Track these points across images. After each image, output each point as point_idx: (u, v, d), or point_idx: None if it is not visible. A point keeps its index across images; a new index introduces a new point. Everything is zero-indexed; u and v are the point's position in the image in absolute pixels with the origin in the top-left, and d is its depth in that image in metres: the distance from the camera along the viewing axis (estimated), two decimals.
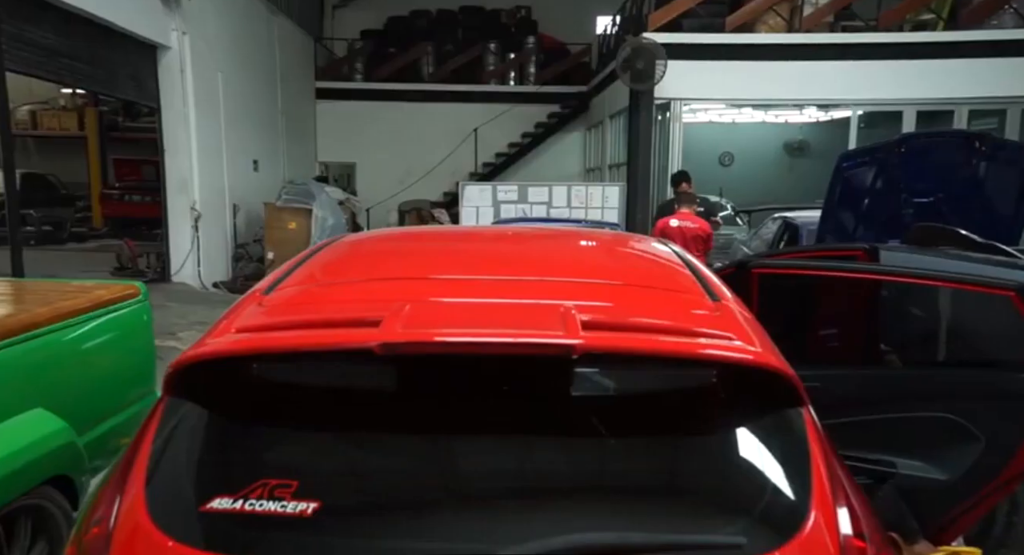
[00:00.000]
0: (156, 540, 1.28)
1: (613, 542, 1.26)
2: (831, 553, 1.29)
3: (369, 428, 1.44)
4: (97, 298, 3.19)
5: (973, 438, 2.44)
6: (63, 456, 2.67)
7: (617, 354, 1.38)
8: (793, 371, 1.42)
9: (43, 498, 2.61)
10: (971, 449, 2.45)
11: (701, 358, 1.39)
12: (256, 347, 1.41)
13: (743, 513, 1.33)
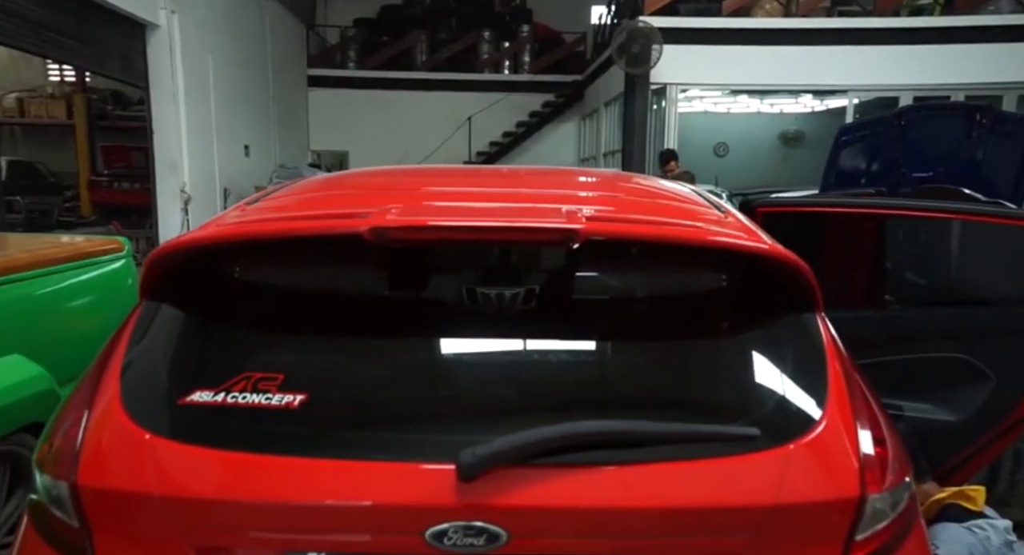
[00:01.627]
0: (132, 433, 1.19)
1: (622, 430, 1.17)
2: (847, 449, 1.21)
3: (358, 326, 1.35)
4: (78, 248, 3.08)
5: (984, 378, 2.37)
6: (42, 403, 2.55)
7: (622, 241, 1.29)
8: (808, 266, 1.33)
9: (21, 446, 2.50)
10: (982, 389, 2.37)
11: (712, 246, 1.29)
12: (239, 233, 1.31)
13: (757, 408, 1.24)
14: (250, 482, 1.15)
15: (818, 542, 1.19)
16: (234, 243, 1.32)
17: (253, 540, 1.17)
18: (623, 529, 1.15)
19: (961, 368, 2.39)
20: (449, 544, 1.12)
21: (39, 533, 1.24)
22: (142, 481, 1.15)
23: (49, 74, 17.18)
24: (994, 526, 2.17)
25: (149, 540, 1.16)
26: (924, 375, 2.44)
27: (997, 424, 2.35)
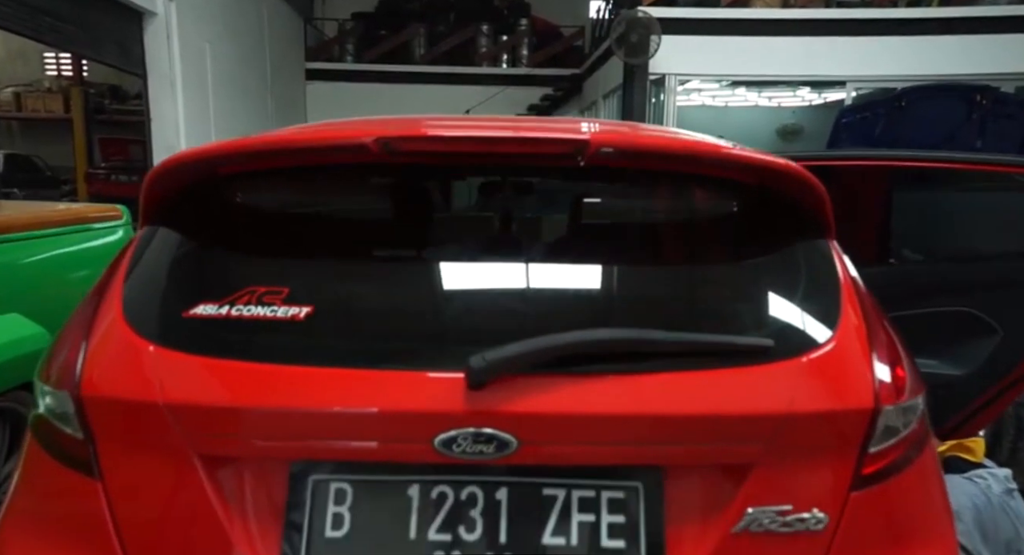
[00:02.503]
0: (136, 345, 1.17)
1: (634, 338, 1.15)
2: (861, 362, 1.19)
3: (363, 244, 1.34)
4: (78, 213, 3.06)
5: (991, 331, 2.35)
6: None
7: (634, 152, 1.27)
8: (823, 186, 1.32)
9: (20, 404, 2.48)
10: (988, 342, 2.36)
11: (727, 159, 1.27)
12: (241, 145, 1.29)
13: (770, 323, 1.22)
14: (256, 390, 1.13)
15: (832, 453, 1.17)
16: (235, 157, 1.30)
17: (259, 448, 1.15)
18: (635, 437, 1.13)
19: (968, 322, 2.37)
20: (458, 451, 1.10)
21: (43, 448, 1.22)
22: (146, 390, 1.13)
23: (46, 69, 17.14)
24: (994, 475, 2.16)
25: (154, 450, 1.14)
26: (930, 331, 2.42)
27: (1003, 377, 2.33)
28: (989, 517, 2.06)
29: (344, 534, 1.13)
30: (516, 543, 1.13)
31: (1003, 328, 2.33)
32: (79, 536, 1.16)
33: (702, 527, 1.16)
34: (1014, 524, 2.08)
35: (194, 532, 1.14)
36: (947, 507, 1.29)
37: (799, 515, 1.15)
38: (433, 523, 1.13)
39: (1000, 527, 2.07)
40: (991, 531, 2.06)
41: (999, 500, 2.10)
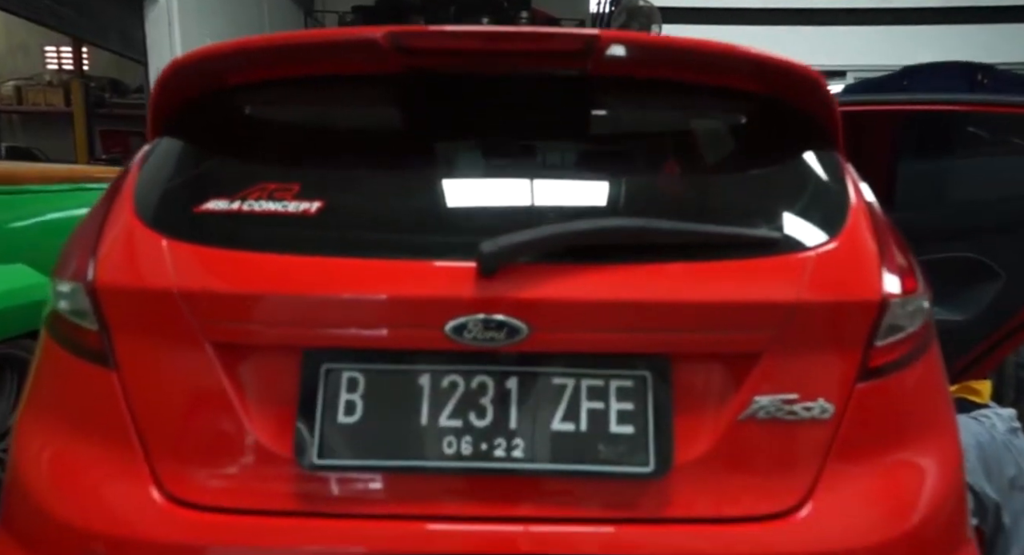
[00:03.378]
0: (149, 238, 1.19)
1: (645, 227, 1.17)
2: (869, 257, 1.21)
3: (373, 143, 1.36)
4: (84, 172, 3.08)
5: (994, 275, 2.37)
6: None
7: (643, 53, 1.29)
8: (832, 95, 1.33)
9: (27, 351, 2.49)
10: (992, 287, 2.38)
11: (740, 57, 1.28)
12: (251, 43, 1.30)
13: (778, 219, 1.23)
14: (267, 278, 1.14)
15: (839, 345, 1.18)
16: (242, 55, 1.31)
17: (271, 336, 1.17)
18: (643, 324, 1.15)
19: (971, 267, 2.39)
20: (469, 338, 1.11)
21: (58, 343, 1.23)
22: (160, 279, 1.14)
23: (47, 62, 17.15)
24: (999, 414, 2.17)
25: (168, 339, 1.16)
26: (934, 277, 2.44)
27: (1007, 321, 2.35)
28: (993, 454, 2.08)
29: (357, 420, 1.14)
30: (526, 429, 1.14)
31: (1005, 272, 2.35)
32: (96, 426, 1.18)
33: (709, 414, 1.17)
34: (1017, 461, 2.10)
35: (209, 419, 1.16)
36: (950, 406, 1.30)
37: (805, 404, 1.17)
38: (444, 410, 1.15)
39: (1004, 464, 2.08)
40: (994, 468, 2.07)
41: (1003, 438, 2.11)
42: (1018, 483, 2.08)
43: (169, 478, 1.14)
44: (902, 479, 1.20)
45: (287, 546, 1.11)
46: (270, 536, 1.11)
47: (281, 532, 1.12)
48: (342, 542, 1.12)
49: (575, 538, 1.13)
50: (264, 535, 1.12)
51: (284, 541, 1.11)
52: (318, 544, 1.12)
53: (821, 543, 1.14)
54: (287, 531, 1.12)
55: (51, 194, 2.81)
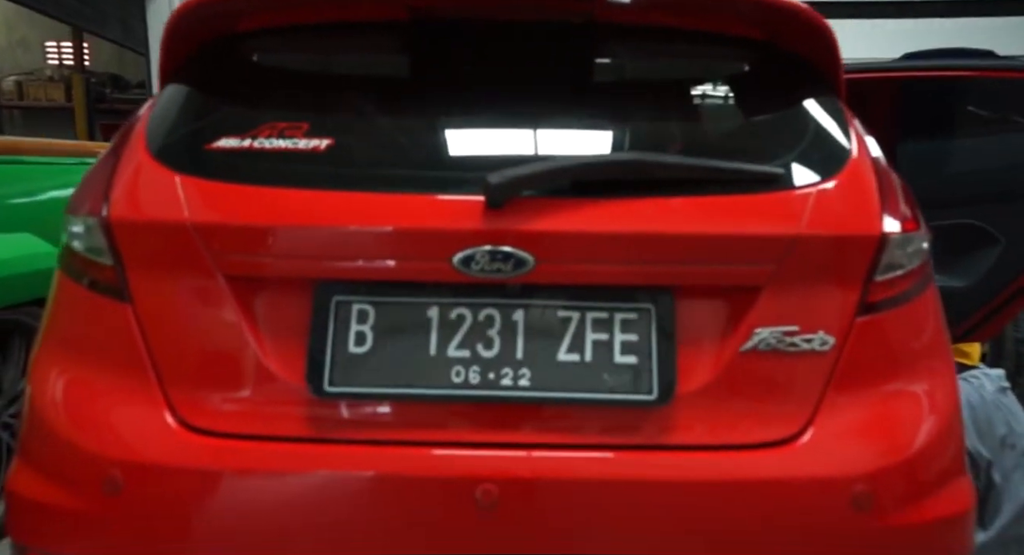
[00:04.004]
0: (161, 174, 1.21)
1: (650, 161, 1.19)
2: (869, 194, 1.23)
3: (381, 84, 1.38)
4: (89, 148, 3.10)
5: (994, 241, 2.39)
6: None
7: None
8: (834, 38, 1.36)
9: (35, 318, 2.51)
10: (991, 253, 2.40)
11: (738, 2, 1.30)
12: None
13: (780, 157, 1.26)
14: (279, 212, 1.16)
15: (839, 279, 1.21)
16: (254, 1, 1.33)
17: (283, 268, 1.19)
18: (648, 257, 1.17)
19: (971, 234, 2.41)
20: (476, 269, 1.13)
21: (73, 280, 1.25)
22: (173, 213, 1.16)
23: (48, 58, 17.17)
24: (987, 374, 2.20)
25: (182, 272, 1.18)
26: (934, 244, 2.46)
27: (1006, 286, 2.38)
28: (983, 415, 2.11)
29: (367, 350, 1.17)
30: (532, 359, 1.17)
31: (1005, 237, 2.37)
32: (112, 358, 1.20)
33: (712, 345, 1.19)
34: (1007, 419, 2.13)
35: (222, 349, 1.18)
36: (947, 344, 1.32)
37: (805, 336, 1.19)
38: (452, 341, 1.17)
39: (994, 423, 2.11)
40: (985, 428, 2.10)
41: (992, 397, 2.14)
42: (1008, 441, 2.11)
43: (184, 406, 1.17)
44: (899, 410, 1.23)
45: (299, 471, 1.14)
46: (282, 461, 1.14)
47: (292, 457, 1.14)
48: (352, 467, 1.14)
49: (579, 463, 1.15)
50: (276, 460, 1.14)
51: (296, 466, 1.14)
52: (329, 469, 1.14)
53: (820, 470, 1.16)
54: (298, 456, 1.14)
55: (56, 166, 2.84)
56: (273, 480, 1.14)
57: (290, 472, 1.14)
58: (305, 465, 1.14)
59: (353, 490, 1.15)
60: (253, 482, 1.14)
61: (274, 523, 1.14)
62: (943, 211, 2.49)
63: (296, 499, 1.14)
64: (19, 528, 1.23)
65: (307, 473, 1.14)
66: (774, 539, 1.14)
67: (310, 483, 1.14)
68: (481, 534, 1.12)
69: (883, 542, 1.16)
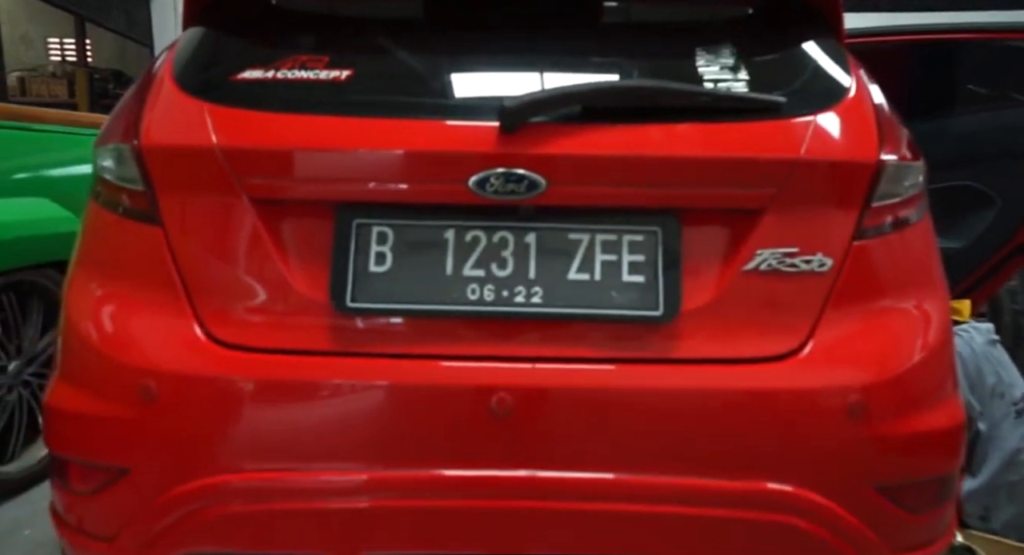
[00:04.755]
0: (189, 103, 1.27)
1: (656, 87, 1.25)
2: (868, 123, 1.29)
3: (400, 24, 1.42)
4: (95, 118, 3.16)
5: (989, 202, 2.45)
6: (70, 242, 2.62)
7: None
8: None
9: (50, 281, 2.57)
10: (987, 214, 2.46)
11: None
12: None
13: (781, 88, 1.31)
14: (302, 137, 1.22)
15: (838, 203, 1.26)
16: None
17: (306, 191, 1.25)
18: (655, 180, 1.22)
19: (967, 195, 2.47)
20: (491, 191, 1.19)
21: (105, 207, 1.31)
22: (201, 138, 1.22)
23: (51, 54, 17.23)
24: (977, 328, 2.26)
25: (210, 195, 1.23)
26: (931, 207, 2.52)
27: (1002, 246, 2.44)
28: (973, 366, 2.17)
29: (387, 269, 1.22)
30: (544, 278, 1.22)
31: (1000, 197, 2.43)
32: (144, 279, 1.26)
33: (715, 265, 1.25)
34: (997, 371, 2.19)
35: (249, 268, 1.24)
36: (940, 270, 1.38)
37: (805, 257, 1.25)
38: (467, 261, 1.23)
39: (984, 374, 2.17)
40: (975, 379, 2.16)
41: (983, 349, 2.20)
42: (997, 391, 2.17)
43: (213, 322, 1.22)
44: (893, 329, 1.28)
45: (322, 381, 1.19)
46: (306, 372, 1.19)
47: (316, 369, 1.20)
48: (374, 378, 1.19)
49: (589, 374, 1.21)
50: (300, 371, 1.19)
51: (319, 377, 1.19)
52: (351, 379, 1.20)
53: (817, 382, 1.21)
54: (322, 368, 1.20)
55: (71, 137, 2.90)
56: (297, 390, 1.20)
57: (314, 383, 1.20)
58: (328, 376, 1.19)
59: (375, 400, 1.21)
60: (279, 392, 1.20)
61: (298, 432, 1.20)
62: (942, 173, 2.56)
63: (319, 408, 1.20)
64: (60, 440, 1.29)
65: (330, 383, 1.20)
66: (773, 445, 1.20)
67: (333, 393, 1.20)
68: (496, 440, 1.18)
69: (877, 450, 1.22)
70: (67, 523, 1.30)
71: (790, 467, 1.20)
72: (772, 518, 1.20)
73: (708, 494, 1.19)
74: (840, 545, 1.21)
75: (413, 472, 1.19)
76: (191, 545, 1.22)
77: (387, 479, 1.19)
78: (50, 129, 2.77)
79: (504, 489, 1.19)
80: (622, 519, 1.20)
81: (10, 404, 2.44)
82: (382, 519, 1.21)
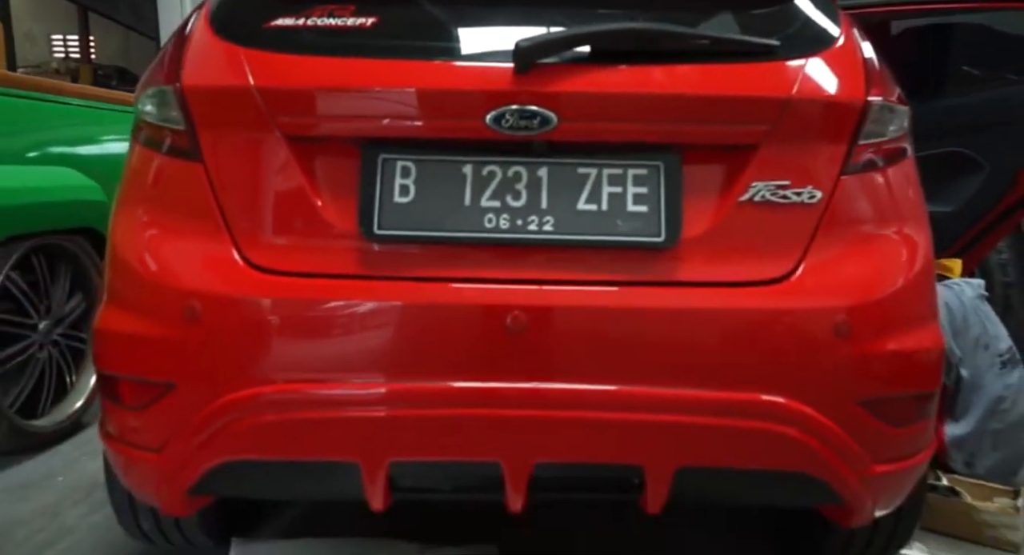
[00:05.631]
0: (225, 48, 1.39)
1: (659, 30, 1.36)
2: (856, 66, 1.40)
3: None
4: (124, 98, 3.27)
5: (978, 167, 2.56)
6: (97, 211, 2.74)
7: None
8: None
9: (79, 247, 2.68)
10: (976, 178, 2.57)
11: None
12: None
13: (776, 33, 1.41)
14: (331, 77, 1.33)
15: (827, 140, 1.36)
16: None
17: (334, 128, 1.36)
18: (658, 116, 1.33)
19: (957, 161, 2.58)
20: (506, 126, 1.29)
21: (147, 146, 1.42)
22: (238, 79, 1.33)
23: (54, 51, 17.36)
24: (969, 283, 2.37)
25: (247, 133, 1.34)
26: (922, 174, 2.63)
27: (990, 210, 2.55)
28: (960, 317, 2.27)
29: (410, 200, 1.33)
30: (555, 208, 1.33)
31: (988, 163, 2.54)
32: (186, 211, 1.36)
33: (713, 196, 1.36)
34: (983, 322, 2.29)
35: (284, 202, 1.35)
36: (922, 207, 1.48)
37: (796, 190, 1.35)
38: (484, 193, 1.33)
39: (970, 324, 2.28)
40: (960, 328, 2.27)
41: (971, 302, 2.30)
42: (983, 341, 2.28)
43: (250, 249, 1.33)
44: (877, 257, 1.39)
45: (349, 301, 1.30)
46: (336, 293, 1.30)
47: (346, 290, 1.30)
48: (399, 299, 1.30)
49: (596, 295, 1.31)
50: (331, 292, 1.30)
51: (348, 297, 1.30)
52: (376, 300, 1.30)
53: (806, 303, 1.32)
54: (351, 290, 1.31)
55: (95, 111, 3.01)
56: (328, 310, 1.30)
57: (343, 303, 1.30)
58: (357, 297, 1.30)
59: (400, 319, 1.31)
60: (310, 312, 1.30)
61: (327, 348, 1.30)
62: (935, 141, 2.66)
63: (348, 326, 1.31)
64: (111, 360, 1.39)
65: (358, 304, 1.30)
66: (765, 361, 1.30)
67: (361, 313, 1.31)
68: (511, 355, 1.28)
69: (861, 367, 1.32)
70: (117, 438, 1.41)
71: (781, 381, 1.30)
72: (766, 427, 1.30)
73: (707, 404, 1.29)
74: (827, 453, 1.32)
75: (434, 384, 1.29)
76: (231, 453, 1.33)
77: (410, 391, 1.29)
78: (76, 103, 2.88)
79: (518, 400, 1.29)
80: (627, 427, 1.31)
81: (41, 362, 2.55)
82: (405, 428, 1.32)
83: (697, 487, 1.38)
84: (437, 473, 1.43)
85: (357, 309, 1.31)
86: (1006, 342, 2.34)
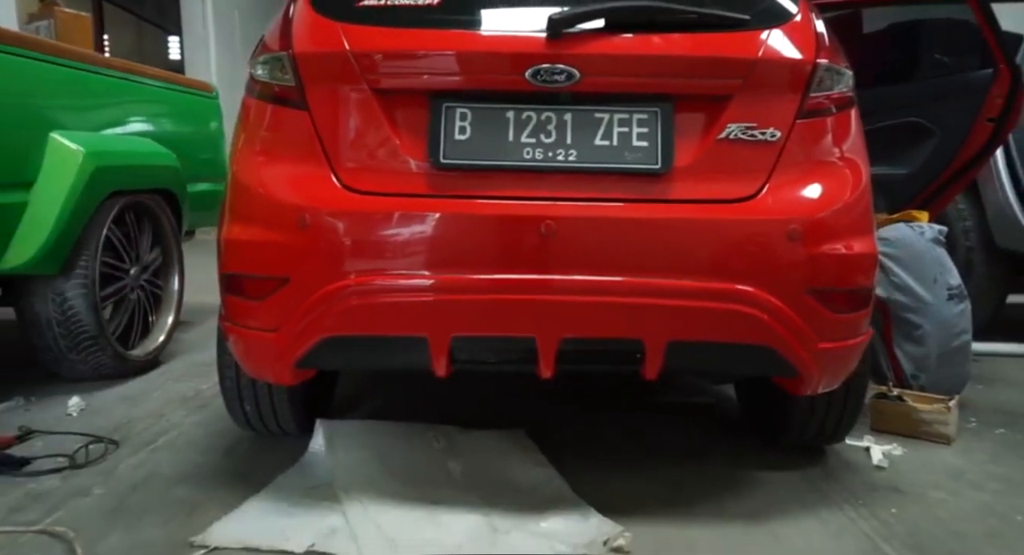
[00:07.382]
0: (325, 23, 1.81)
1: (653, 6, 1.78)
2: (809, 37, 1.82)
3: None
4: (177, 78, 3.69)
5: (931, 134, 2.98)
6: (172, 174, 3.17)
7: None
8: None
9: (158, 206, 3.11)
10: (929, 144, 2.99)
11: None
12: None
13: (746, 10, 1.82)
14: (408, 44, 1.75)
15: (785, 92, 1.78)
16: None
17: (409, 83, 1.77)
18: (656, 71, 1.74)
19: (913, 130, 2.99)
20: (540, 80, 1.71)
21: (262, 99, 1.84)
22: (336, 45, 1.75)
23: None
24: (931, 227, 2.77)
25: (343, 86, 1.75)
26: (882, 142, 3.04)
27: (942, 171, 2.96)
28: (918, 249, 2.68)
29: (467, 138, 1.75)
30: (577, 143, 1.74)
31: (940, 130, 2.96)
32: (295, 149, 1.78)
33: (698, 135, 1.77)
34: (937, 259, 2.70)
35: (371, 139, 1.76)
36: (863, 147, 1.89)
37: (761, 130, 1.77)
38: (523, 132, 1.75)
39: (925, 259, 2.68)
40: (918, 263, 2.68)
41: (929, 243, 2.71)
42: (936, 274, 2.69)
43: (346, 176, 1.75)
44: (824, 181, 1.80)
45: (421, 213, 1.71)
46: (410, 207, 1.71)
47: (417, 205, 1.72)
48: (460, 211, 1.72)
49: (609, 209, 1.72)
50: (406, 206, 1.71)
51: (419, 210, 1.71)
52: (441, 212, 1.71)
53: (768, 215, 1.72)
54: (424, 205, 1.72)
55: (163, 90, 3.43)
56: (405, 220, 1.71)
57: (417, 215, 1.72)
58: (427, 209, 1.71)
59: (458, 226, 1.72)
60: (391, 222, 1.72)
61: (403, 248, 1.71)
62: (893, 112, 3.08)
63: (419, 232, 1.71)
64: (237, 261, 1.80)
65: (428, 215, 1.71)
66: (739, 258, 1.72)
67: (430, 222, 1.72)
68: (544, 252, 1.70)
69: (809, 264, 1.73)
70: (240, 325, 1.83)
71: (749, 274, 1.71)
72: (737, 308, 1.72)
73: (693, 291, 1.70)
74: (783, 331, 1.72)
75: (484, 276, 1.70)
76: (330, 330, 1.74)
77: (465, 281, 1.70)
78: (146, 81, 3.30)
79: (548, 288, 1.70)
80: (631, 309, 1.72)
81: (131, 302, 2.98)
82: (463, 310, 1.73)
83: (684, 357, 1.80)
84: (486, 347, 1.85)
85: (425, 219, 1.72)
86: (956, 279, 2.75)
